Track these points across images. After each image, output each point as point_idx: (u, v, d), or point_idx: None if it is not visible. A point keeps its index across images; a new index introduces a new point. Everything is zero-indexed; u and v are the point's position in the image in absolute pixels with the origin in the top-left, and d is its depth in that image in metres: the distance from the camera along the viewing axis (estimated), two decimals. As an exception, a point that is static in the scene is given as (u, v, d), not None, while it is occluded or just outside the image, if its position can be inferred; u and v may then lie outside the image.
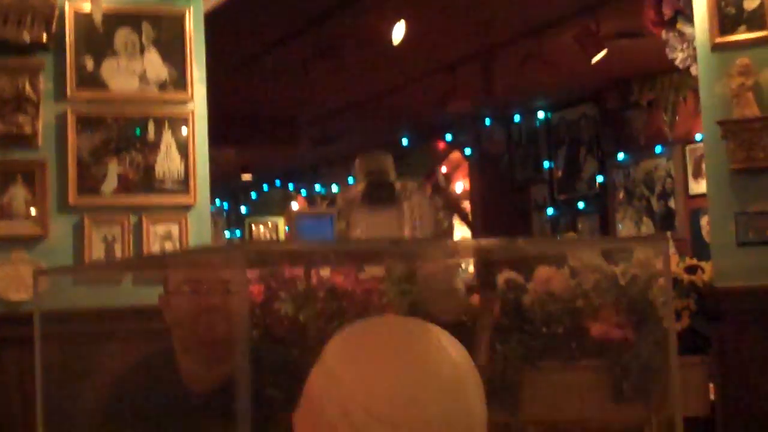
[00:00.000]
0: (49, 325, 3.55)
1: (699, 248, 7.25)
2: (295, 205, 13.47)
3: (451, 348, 1.27)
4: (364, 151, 11.49)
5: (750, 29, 3.88)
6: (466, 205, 10.74)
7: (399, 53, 6.65)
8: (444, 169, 11.66)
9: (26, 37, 3.76)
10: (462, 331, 2.75)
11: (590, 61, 6.63)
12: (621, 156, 8.93)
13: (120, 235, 3.93)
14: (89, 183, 3.93)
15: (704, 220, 7.54)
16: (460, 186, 11.77)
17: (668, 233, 8.17)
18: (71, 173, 3.90)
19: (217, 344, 2.53)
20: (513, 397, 3.68)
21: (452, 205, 9.90)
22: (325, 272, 4.17)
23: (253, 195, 13.61)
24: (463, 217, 10.29)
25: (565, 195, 9.51)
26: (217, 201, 13.33)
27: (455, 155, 11.18)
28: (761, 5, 3.86)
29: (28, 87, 3.77)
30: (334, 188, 12.16)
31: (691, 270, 3.95)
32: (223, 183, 10.96)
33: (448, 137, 10.62)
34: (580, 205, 9.37)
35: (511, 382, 3.69)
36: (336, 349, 1.28)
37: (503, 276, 4.01)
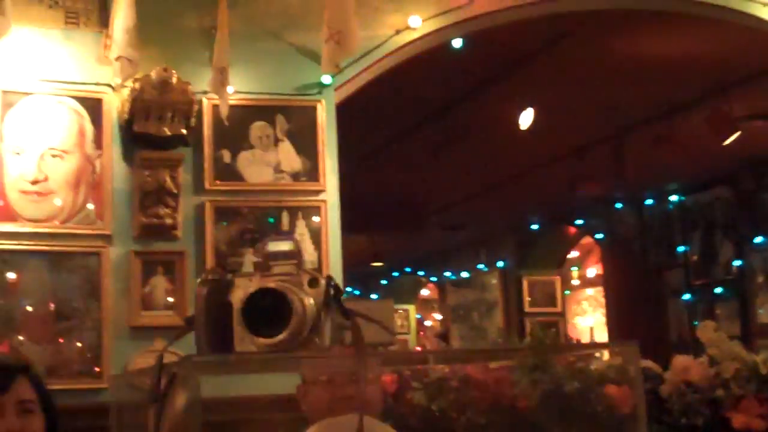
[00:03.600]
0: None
1: None
2: (425, 292, 13.49)
3: None
4: (485, 238, 11.41)
5: None
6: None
7: (528, 137, 6.66)
8: (575, 254, 11.54)
9: (167, 132, 3.90)
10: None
11: (723, 143, 6.51)
12: (759, 239, 8.68)
13: (257, 325, 3.99)
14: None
15: None
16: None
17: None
18: (209, 263, 3.99)
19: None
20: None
21: None
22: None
23: (384, 281, 13.68)
24: None
25: (702, 280, 9.27)
26: (349, 288, 13.45)
27: (586, 240, 11.05)
28: None
29: (168, 180, 3.90)
30: (465, 274, 12.13)
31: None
32: (354, 270, 11.08)
33: (579, 222, 10.52)
34: (718, 290, 9.12)
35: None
36: None
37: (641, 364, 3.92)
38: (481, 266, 11.85)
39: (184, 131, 3.94)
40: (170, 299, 3.96)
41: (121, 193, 3.97)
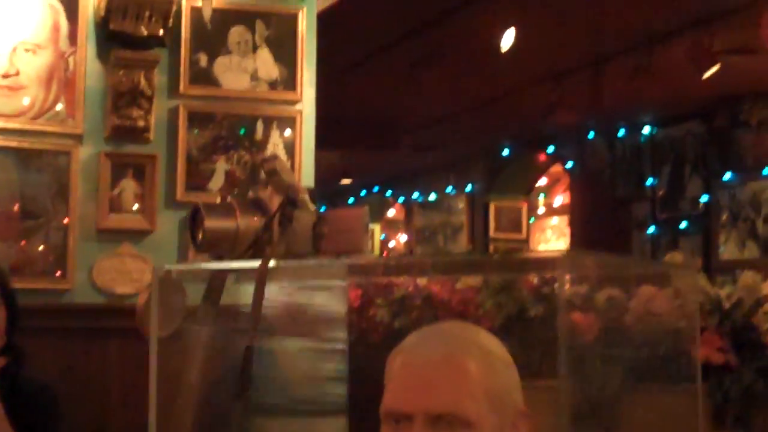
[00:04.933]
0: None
1: (806, 274, 7.03)
2: (391, 212, 13.49)
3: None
4: (456, 161, 11.41)
5: None
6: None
7: (506, 61, 6.59)
8: (543, 182, 11.56)
9: (144, 31, 3.82)
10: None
11: (701, 76, 6.49)
12: (727, 176, 8.72)
13: (224, 232, 3.96)
14: (197, 179, 3.97)
15: (813, 246, 7.33)
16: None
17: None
18: (180, 169, 3.94)
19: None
20: (610, 418, 3.62)
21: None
22: (422, 281, 4.16)
23: (351, 200, 13.67)
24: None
25: (667, 214, 9.33)
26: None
27: (555, 168, 11.06)
28: None
29: (143, 81, 3.83)
30: (432, 196, 12.14)
31: (802, 295, 3.83)
32: (322, 186, 11.05)
33: (550, 150, 10.51)
34: (683, 224, 9.18)
35: (608, 402, 3.63)
36: (490, 343, 1.51)
37: (604, 293, 3.94)
38: (449, 189, 11.85)
39: (161, 32, 3.86)
40: (139, 204, 3.92)
41: (94, 93, 3.89)
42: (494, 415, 1.43)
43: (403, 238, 13.41)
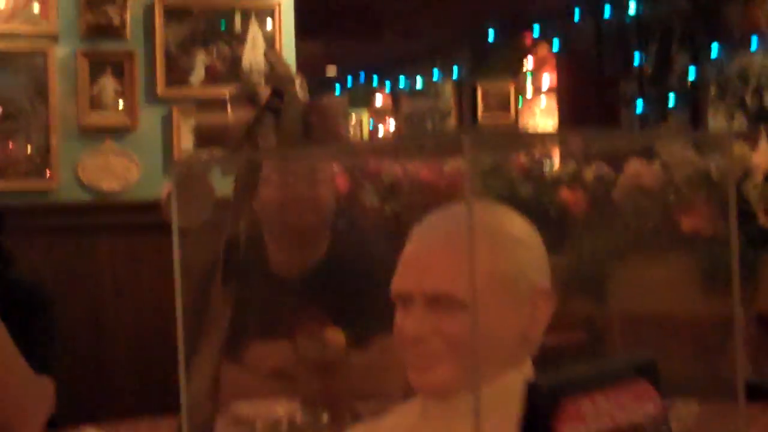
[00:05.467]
0: (141, 216, 3.59)
1: (794, 144, 7.05)
2: (379, 101, 13.42)
3: None
4: (440, 47, 11.30)
5: None
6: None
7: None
8: (530, 65, 11.47)
9: (113, -75, 3.74)
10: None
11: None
12: (714, 50, 8.66)
13: (208, 126, 3.94)
14: (177, 74, 3.93)
15: (801, 115, 7.32)
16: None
17: (762, 128, 7.97)
18: (159, 64, 3.90)
19: (305, 232, 2.55)
20: (600, 290, 3.66)
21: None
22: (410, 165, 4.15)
23: (337, 89, 13.58)
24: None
25: (656, 90, 9.29)
26: (301, 95, 13.31)
27: (541, 49, 10.97)
28: None
29: (116, -24, 3.76)
30: (419, 83, 12.06)
31: (788, 165, 3.84)
32: (307, 78, 10.93)
33: (536, 30, 10.40)
34: (671, 100, 9.15)
35: (598, 275, 3.66)
36: (501, 223, 1.47)
37: (592, 168, 3.94)
38: (435, 75, 11.78)
39: (131, -76, 3.78)
40: (121, 101, 3.88)
41: (68, -9, 3.83)
42: (500, 295, 1.40)
43: (391, 125, 13.37)
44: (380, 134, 13.70)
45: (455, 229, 1.43)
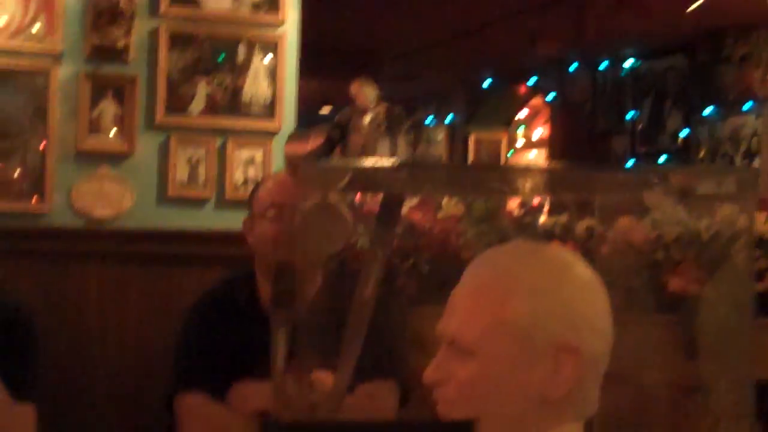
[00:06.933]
0: (132, 244, 3.57)
1: (783, 210, 7.09)
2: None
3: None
4: (437, 92, 11.34)
5: None
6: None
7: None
8: (523, 114, 11.53)
9: (123, -50, 3.74)
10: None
11: (685, 10, 6.47)
12: (707, 111, 8.73)
13: (204, 157, 3.94)
14: (177, 102, 3.92)
15: (790, 182, 7.36)
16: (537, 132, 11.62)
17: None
18: (160, 91, 3.89)
19: (298, 270, 2.53)
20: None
21: None
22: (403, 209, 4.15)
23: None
24: None
25: (647, 148, 9.35)
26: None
27: (536, 100, 11.03)
28: None
29: (123, 0, 3.76)
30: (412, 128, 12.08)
31: (778, 229, 3.85)
32: (302, 114, 10.94)
33: (531, 82, 10.47)
34: (661, 159, 9.21)
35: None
36: (527, 270, 1.38)
37: (583, 223, 3.95)
38: (429, 120, 11.81)
39: (141, -50, 3.79)
40: (118, 126, 3.87)
41: (74, 11, 3.81)
42: (511, 347, 1.34)
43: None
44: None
45: (481, 272, 1.40)
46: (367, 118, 2.17)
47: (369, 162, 1.46)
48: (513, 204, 4.00)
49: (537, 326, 1.34)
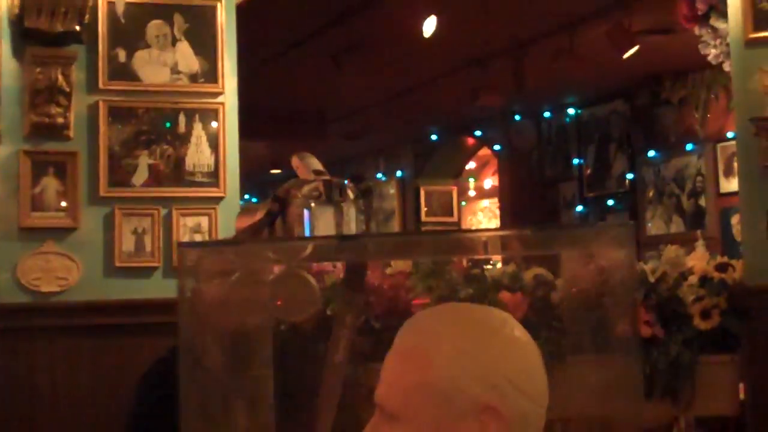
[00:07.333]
0: (81, 317, 3.55)
1: (729, 247, 7.20)
2: (323, 200, 13.45)
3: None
4: (385, 147, 11.44)
5: (785, 25, 3.84)
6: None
7: (429, 48, 6.63)
8: (473, 165, 11.64)
9: (59, 27, 3.77)
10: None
11: (621, 57, 6.59)
12: (651, 153, 8.88)
13: (150, 227, 3.95)
14: (120, 175, 3.94)
15: (735, 219, 7.48)
16: (488, 182, 11.73)
17: (699, 232, 8.13)
18: (102, 165, 3.91)
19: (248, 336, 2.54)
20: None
21: None
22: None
23: (282, 189, 13.61)
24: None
25: (595, 192, 9.47)
26: (247, 195, 13.36)
27: (484, 152, 11.15)
28: (796, 1, 3.83)
29: (60, 78, 3.78)
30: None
31: (722, 268, 3.92)
32: (252, 177, 10.99)
33: (478, 133, 10.59)
34: (610, 202, 9.33)
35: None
36: (449, 333, 1.37)
37: (532, 272, 3.99)
38: (379, 176, 11.88)
39: (77, 27, 3.82)
40: (63, 201, 3.87)
41: (11, 91, 3.83)
42: (432, 409, 1.33)
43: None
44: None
45: (406, 336, 1.40)
46: (304, 190, 2.21)
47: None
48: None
49: (458, 388, 1.33)
